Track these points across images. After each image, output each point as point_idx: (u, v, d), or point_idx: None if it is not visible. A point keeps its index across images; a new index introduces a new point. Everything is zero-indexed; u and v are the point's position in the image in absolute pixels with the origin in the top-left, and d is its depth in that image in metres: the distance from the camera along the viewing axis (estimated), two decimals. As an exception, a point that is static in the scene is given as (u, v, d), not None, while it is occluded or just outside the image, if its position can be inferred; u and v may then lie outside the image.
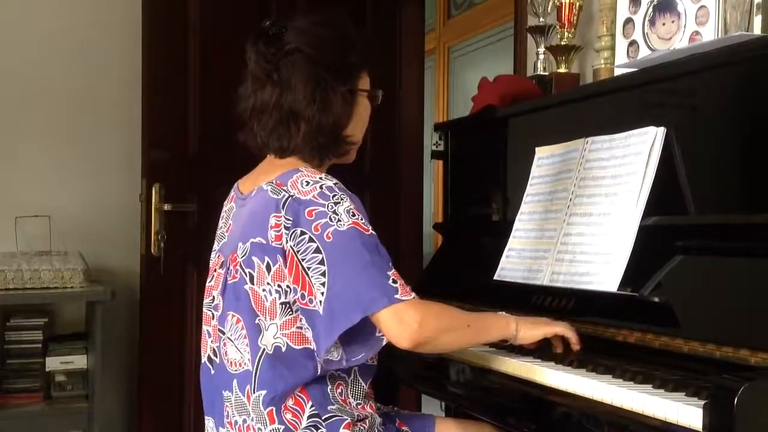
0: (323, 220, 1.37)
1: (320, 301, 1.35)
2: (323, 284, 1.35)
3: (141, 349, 2.74)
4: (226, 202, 1.62)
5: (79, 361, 2.72)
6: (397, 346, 1.37)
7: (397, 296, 1.33)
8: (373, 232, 1.40)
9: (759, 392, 1.05)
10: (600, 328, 1.53)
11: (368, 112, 1.59)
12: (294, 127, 1.48)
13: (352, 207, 1.40)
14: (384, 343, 1.41)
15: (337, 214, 1.37)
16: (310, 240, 1.37)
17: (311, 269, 1.36)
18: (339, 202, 1.39)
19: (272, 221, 1.40)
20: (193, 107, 2.75)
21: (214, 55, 2.75)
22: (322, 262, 1.35)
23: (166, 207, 2.64)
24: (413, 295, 1.36)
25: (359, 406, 1.48)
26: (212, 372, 1.52)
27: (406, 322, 1.33)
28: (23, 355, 2.70)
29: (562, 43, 2.26)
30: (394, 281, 1.35)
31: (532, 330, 1.50)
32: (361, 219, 1.39)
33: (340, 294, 1.34)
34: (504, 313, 1.53)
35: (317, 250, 1.36)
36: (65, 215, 2.89)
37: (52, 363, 2.70)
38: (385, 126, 3.12)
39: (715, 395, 1.09)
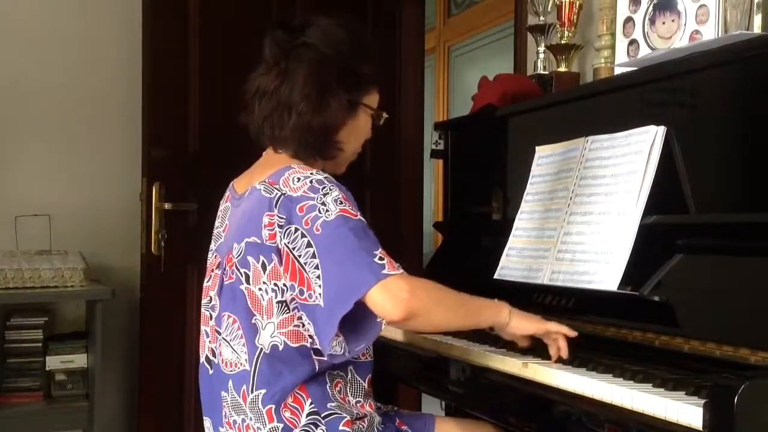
0: (313, 214, 1.37)
1: (319, 294, 1.35)
2: (318, 277, 1.35)
3: (141, 348, 2.74)
4: (222, 202, 1.62)
5: (79, 360, 2.72)
6: (389, 319, 1.35)
7: (384, 272, 1.33)
8: (362, 218, 1.40)
9: (759, 391, 1.05)
10: (600, 327, 1.52)
11: (367, 129, 1.60)
12: (286, 117, 1.48)
13: (340, 196, 1.40)
14: (382, 327, 1.39)
15: (326, 205, 1.38)
16: (302, 235, 1.37)
17: (307, 264, 1.36)
18: (328, 193, 1.40)
19: (265, 220, 1.41)
20: (193, 106, 2.75)
21: (214, 55, 2.75)
22: (314, 256, 1.36)
23: (167, 206, 2.64)
24: (401, 270, 1.35)
25: (358, 405, 1.48)
26: (210, 372, 1.52)
27: (394, 292, 1.32)
28: (23, 354, 2.70)
29: (563, 42, 2.26)
30: (381, 258, 1.35)
31: (524, 322, 1.49)
32: (349, 206, 1.40)
33: (334, 283, 1.34)
34: (499, 300, 1.52)
35: (309, 245, 1.37)
36: (65, 214, 2.88)
37: (53, 362, 2.70)
38: (385, 126, 3.09)
39: (715, 394, 1.09)
